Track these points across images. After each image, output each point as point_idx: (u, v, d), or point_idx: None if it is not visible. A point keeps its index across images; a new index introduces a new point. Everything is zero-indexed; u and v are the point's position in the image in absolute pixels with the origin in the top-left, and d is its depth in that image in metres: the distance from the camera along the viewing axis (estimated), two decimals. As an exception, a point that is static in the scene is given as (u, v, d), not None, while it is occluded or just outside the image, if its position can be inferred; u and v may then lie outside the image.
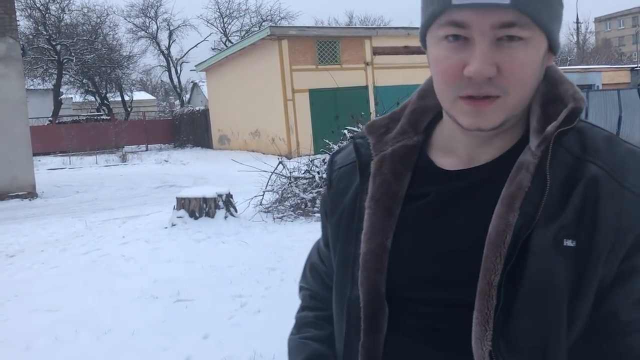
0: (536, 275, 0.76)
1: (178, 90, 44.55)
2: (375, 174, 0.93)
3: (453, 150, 0.91)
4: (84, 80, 34.82)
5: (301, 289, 1.19)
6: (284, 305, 4.59)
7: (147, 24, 40.99)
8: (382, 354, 0.89)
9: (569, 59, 50.82)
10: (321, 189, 8.04)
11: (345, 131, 8.67)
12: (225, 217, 7.40)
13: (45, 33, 31.47)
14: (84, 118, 32.44)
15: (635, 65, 30.60)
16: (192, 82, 48.99)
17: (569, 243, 0.76)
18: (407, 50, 20.58)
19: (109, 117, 32.47)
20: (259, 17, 42.26)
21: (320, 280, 1.12)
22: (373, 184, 0.92)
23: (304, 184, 8.51)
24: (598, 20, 79.37)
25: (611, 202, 0.77)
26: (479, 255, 0.79)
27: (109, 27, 35.83)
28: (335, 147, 8.60)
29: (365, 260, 0.89)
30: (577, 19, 57.08)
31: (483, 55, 0.77)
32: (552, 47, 0.84)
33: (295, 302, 1.19)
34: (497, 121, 0.81)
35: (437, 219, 0.87)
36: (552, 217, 0.77)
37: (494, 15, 0.76)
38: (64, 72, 32.88)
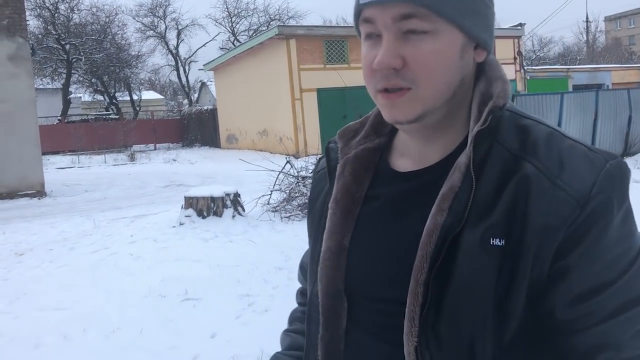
0: (463, 274, 0.78)
1: (186, 89, 44.68)
2: (338, 177, 0.98)
3: (407, 152, 0.94)
4: (93, 80, 34.97)
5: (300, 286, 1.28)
6: (292, 305, 4.59)
7: (156, 24, 41.18)
8: (344, 347, 0.93)
9: (578, 58, 50.56)
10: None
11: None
12: (233, 217, 7.40)
13: (54, 32, 31.62)
14: (93, 117, 32.56)
15: (646, 65, 30.38)
16: (200, 81, 49.09)
17: (496, 242, 0.77)
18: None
19: (117, 117, 32.60)
20: (267, 16, 42.35)
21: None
22: (336, 186, 0.97)
23: (311, 183, 8.49)
24: (608, 19, 78.88)
25: (541, 201, 0.77)
26: (415, 255, 0.82)
27: (118, 26, 36.01)
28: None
29: (324, 257, 0.94)
30: (587, 17, 56.86)
31: (387, 47, 0.81)
32: (479, 43, 0.86)
33: (303, 302, 1.25)
34: (412, 114, 0.84)
35: (387, 219, 0.90)
36: (482, 216, 0.78)
37: (393, 9, 0.80)
38: (72, 71, 33.04)
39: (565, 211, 0.76)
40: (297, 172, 8.82)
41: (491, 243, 0.77)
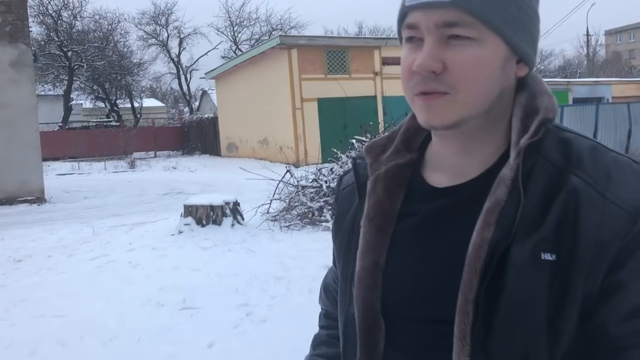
0: (514, 290, 0.76)
1: (187, 97, 44.76)
2: (370, 194, 0.95)
3: (442, 166, 0.92)
4: (94, 87, 35.06)
5: (321, 309, 1.24)
6: (290, 315, 4.60)
7: (158, 32, 41.29)
8: None
9: (578, 71, 50.70)
10: (328, 198, 8.04)
11: (354, 141, 8.67)
12: (232, 225, 7.40)
13: (56, 39, 31.71)
14: (94, 124, 32.61)
15: (646, 79, 30.46)
16: (201, 89, 49.20)
17: (547, 257, 0.75)
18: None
19: (118, 124, 32.65)
20: (269, 26, 42.47)
21: (333, 300, 1.14)
22: (368, 203, 0.94)
23: (311, 192, 8.50)
24: (608, 33, 79.11)
25: (592, 214, 0.75)
26: (462, 271, 0.79)
27: (120, 34, 36.16)
28: (343, 157, 8.61)
29: (359, 277, 0.91)
30: (587, 31, 56.94)
31: (428, 50, 0.80)
32: (522, 57, 0.85)
33: (301, 312, 1.25)
34: (448, 119, 0.82)
35: (425, 236, 0.88)
36: (531, 230, 0.77)
37: (437, 14, 0.80)
38: (74, 78, 33.10)
39: (618, 224, 0.74)
40: (297, 181, 8.83)
41: (542, 258, 0.75)
